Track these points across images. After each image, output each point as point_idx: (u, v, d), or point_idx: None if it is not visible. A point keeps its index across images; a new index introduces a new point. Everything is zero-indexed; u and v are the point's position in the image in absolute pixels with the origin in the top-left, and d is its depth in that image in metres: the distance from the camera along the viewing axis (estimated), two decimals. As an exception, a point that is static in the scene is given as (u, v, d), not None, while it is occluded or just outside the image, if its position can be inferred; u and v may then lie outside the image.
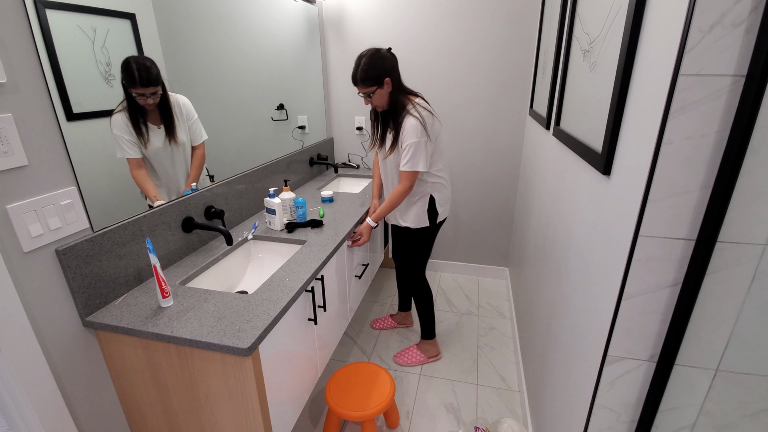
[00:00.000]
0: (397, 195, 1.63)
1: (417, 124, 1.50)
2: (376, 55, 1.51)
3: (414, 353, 2.01)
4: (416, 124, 1.50)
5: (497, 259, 2.76)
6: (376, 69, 1.50)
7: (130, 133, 1.13)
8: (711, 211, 0.65)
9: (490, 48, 2.27)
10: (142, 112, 1.18)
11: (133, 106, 1.16)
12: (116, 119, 1.11)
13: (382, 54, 1.52)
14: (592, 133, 1.01)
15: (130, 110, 1.13)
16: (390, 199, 1.66)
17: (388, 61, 1.52)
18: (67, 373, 1.02)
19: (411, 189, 1.62)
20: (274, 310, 1.09)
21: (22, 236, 0.90)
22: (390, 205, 1.66)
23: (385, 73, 1.51)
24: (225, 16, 1.61)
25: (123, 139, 1.10)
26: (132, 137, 1.13)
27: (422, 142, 1.50)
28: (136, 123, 1.16)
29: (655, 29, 0.71)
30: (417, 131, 1.50)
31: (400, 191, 1.61)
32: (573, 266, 1.12)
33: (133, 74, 1.17)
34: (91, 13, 1.05)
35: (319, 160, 2.50)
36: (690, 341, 0.74)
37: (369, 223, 1.72)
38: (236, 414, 1.08)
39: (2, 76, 0.83)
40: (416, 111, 1.52)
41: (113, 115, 1.10)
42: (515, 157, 2.46)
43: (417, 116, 1.50)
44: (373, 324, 2.28)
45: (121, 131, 1.11)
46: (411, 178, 1.58)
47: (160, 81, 1.25)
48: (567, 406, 1.09)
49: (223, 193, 1.60)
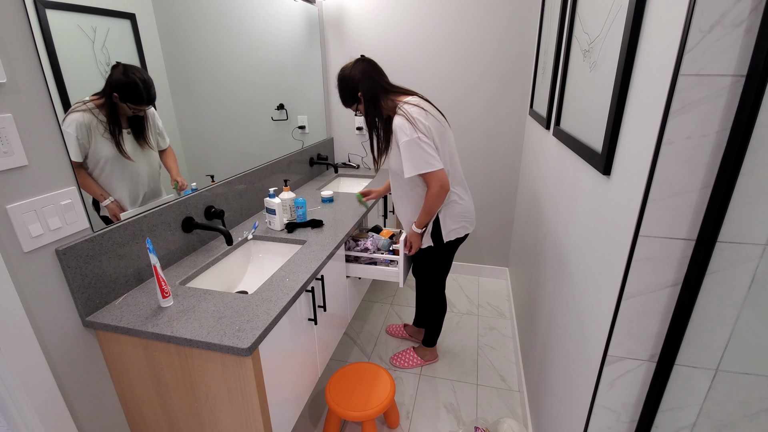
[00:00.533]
0: (431, 199, 1.47)
1: (402, 122, 1.40)
2: (342, 75, 1.50)
3: (410, 356, 2.00)
4: (401, 122, 1.40)
5: (497, 259, 2.76)
6: (346, 88, 1.49)
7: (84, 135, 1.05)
8: (711, 211, 0.65)
9: (490, 48, 2.27)
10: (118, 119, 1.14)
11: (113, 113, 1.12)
12: (75, 117, 1.02)
13: (347, 71, 1.49)
14: (592, 133, 1.01)
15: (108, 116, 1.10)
16: (425, 207, 1.51)
17: (353, 76, 1.47)
18: (67, 373, 1.02)
19: (444, 189, 1.44)
20: (274, 310, 1.09)
21: (22, 236, 0.90)
22: (427, 211, 1.51)
23: (355, 89, 1.48)
24: (225, 16, 1.61)
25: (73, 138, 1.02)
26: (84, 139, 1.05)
27: (413, 139, 1.38)
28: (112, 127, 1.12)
29: (655, 29, 0.71)
30: (404, 129, 1.39)
31: (431, 195, 1.46)
32: (573, 266, 1.12)
33: (140, 94, 1.16)
34: (91, 13, 1.05)
35: (319, 160, 2.50)
36: (690, 341, 0.74)
37: (415, 230, 1.59)
38: (236, 414, 1.08)
39: (2, 76, 0.83)
40: (401, 110, 1.42)
41: (72, 114, 1.01)
42: (515, 157, 2.46)
43: (402, 113, 1.41)
44: (388, 329, 2.25)
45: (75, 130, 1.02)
46: (435, 179, 1.41)
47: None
48: (567, 406, 1.09)
49: (223, 193, 1.60)
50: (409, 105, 1.44)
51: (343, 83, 1.49)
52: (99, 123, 1.08)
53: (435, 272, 1.77)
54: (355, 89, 1.47)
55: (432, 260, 1.72)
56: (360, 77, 1.47)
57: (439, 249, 1.66)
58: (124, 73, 1.13)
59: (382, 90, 1.49)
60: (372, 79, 1.48)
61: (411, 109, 1.42)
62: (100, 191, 1.11)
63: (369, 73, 1.48)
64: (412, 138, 1.38)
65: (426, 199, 1.49)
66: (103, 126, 1.09)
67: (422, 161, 1.40)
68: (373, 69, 1.50)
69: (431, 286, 1.82)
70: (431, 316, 1.90)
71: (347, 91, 1.49)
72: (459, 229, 1.63)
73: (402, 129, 1.40)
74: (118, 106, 1.13)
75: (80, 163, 1.05)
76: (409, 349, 2.03)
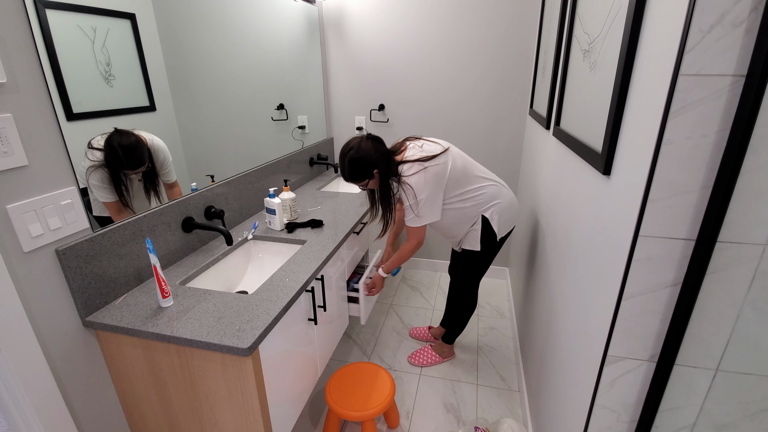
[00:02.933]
0: (405, 252, 1.64)
1: (409, 190, 1.46)
2: (358, 154, 1.47)
3: (429, 354, 2.00)
4: (408, 190, 1.47)
5: (497, 259, 2.74)
6: (362, 167, 1.48)
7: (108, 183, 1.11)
8: (711, 211, 0.65)
9: (490, 48, 2.27)
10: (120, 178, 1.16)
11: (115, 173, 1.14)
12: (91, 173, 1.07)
13: (363, 150, 1.47)
14: (592, 133, 1.01)
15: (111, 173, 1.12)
16: (398, 255, 1.67)
17: (371, 155, 1.47)
18: (67, 373, 1.02)
19: (419, 245, 1.61)
20: (274, 310, 1.09)
21: (22, 236, 0.90)
22: (398, 260, 1.67)
23: (372, 166, 1.48)
24: (225, 16, 1.61)
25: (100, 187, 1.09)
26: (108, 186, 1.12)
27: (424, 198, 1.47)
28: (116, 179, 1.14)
29: (655, 29, 0.71)
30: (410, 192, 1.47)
31: (408, 249, 1.62)
32: (573, 266, 1.12)
33: (121, 161, 1.14)
34: (91, 13, 1.05)
35: (319, 160, 2.50)
36: (690, 341, 0.74)
37: (381, 274, 1.74)
38: (236, 414, 1.08)
39: (2, 76, 0.83)
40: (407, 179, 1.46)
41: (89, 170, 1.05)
42: (515, 157, 2.46)
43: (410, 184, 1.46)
44: (411, 332, 2.22)
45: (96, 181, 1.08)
46: (417, 234, 1.57)
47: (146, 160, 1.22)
48: (567, 406, 1.09)
49: (223, 193, 1.60)
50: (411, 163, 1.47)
51: (358, 163, 1.47)
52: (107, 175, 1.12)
53: (478, 273, 1.78)
54: (371, 166, 1.48)
55: (479, 262, 1.72)
56: (377, 157, 1.47)
57: (489, 249, 1.68)
58: (108, 140, 1.11)
59: (391, 164, 1.51)
60: (387, 158, 1.51)
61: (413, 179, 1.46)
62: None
63: (383, 151, 1.50)
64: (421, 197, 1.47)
65: (402, 251, 1.65)
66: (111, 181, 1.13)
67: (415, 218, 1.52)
68: (384, 147, 1.52)
69: (468, 285, 1.82)
70: (459, 313, 1.91)
71: (362, 169, 1.48)
72: (505, 225, 1.65)
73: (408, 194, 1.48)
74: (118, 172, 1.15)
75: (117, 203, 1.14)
76: (427, 347, 2.04)
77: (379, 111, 2.56)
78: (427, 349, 2.02)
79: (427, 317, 2.38)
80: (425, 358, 1.99)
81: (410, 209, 1.50)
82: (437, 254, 2.85)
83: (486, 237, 1.63)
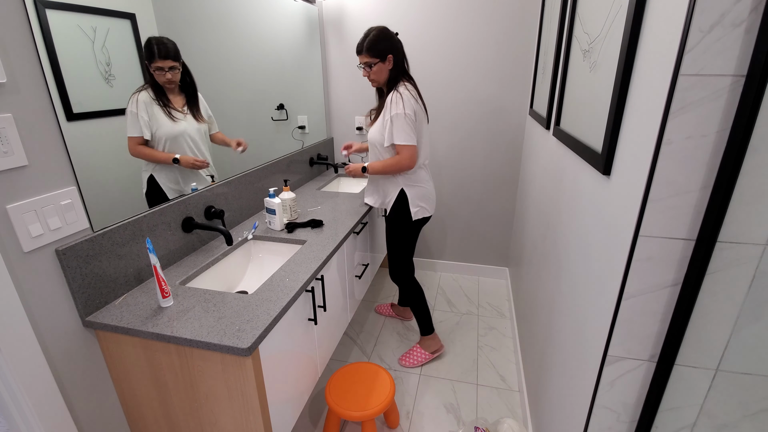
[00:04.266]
0: (392, 164, 1.66)
1: (398, 98, 1.56)
2: (386, 31, 1.60)
3: (417, 352, 2.01)
4: (397, 98, 1.57)
5: (497, 259, 2.76)
6: (383, 42, 1.58)
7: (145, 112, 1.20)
8: (711, 211, 0.65)
9: (491, 47, 2.27)
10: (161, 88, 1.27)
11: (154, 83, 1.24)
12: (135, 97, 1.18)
13: (391, 32, 1.62)
14: (592, 133, 1.01)
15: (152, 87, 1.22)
16: (385, 163, 1.68)
17: (395, 40, 1.62)
18: (67, 373, 1.02)
19: (411, 163, 1.63)
20: (274, 310, 1.09)
21: (22, 236, 0.90)
22: (383, 167, 1.69)
23: (390, 50, 1.59)
24: (225, 16, 1.61)
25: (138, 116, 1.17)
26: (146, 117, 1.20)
27: (402, 114, 1.55)
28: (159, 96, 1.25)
29: (655, 29, 0.71)
30: (398, 103, 1.56)
31: (397, 161, 1.64)
32: (573, 266, 1.12)
33: (152, 49, 1.24)
34: (91, 13, 1.05)
35: (319, 160, 2.50)
36: (690, 341, 0.74)
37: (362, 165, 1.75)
38: (236, 414, 1.08)
39: (2, 76, 0.83)
40: (400, 88, 1.60)
41: (133, 95, 1.17)
42: (515, 156, 2.46)
43: (400, 92, 1.58)
44: (377, 308, 2.42)
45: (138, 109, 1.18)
46: (408, 153, 1.61)
47: (179, 57, 1.32)
48: (567, 406, 1.09)
49: (223, 193, 1.60)
50: (406, 88, 1.62)
51: (385, 36, 1.59)
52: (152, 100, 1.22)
53: (399, 248, 1.85)
54: (389, 49, 1.59)
55: (396, 232, 1.82)
56: (399, 46, 1.64)
57: (405, 227, 1.79)
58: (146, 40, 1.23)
59: (403, 67, 1.68)
60: (402, 53, 1.67)
61: (406, 91, 1.60)
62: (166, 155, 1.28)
63: (401, 48, 1.66)
64: (401, 112, 1.56)
65: (390, 161, 1.67)
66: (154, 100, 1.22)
67: (404, 134, 1.59)
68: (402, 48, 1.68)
69: (396, 267, 1.89)
70: (411, 304, 1.96)
71: (383, 44, 1.58)
72: (422, 210, 1.78)
73: (396, 102, 1.57)
74: (153, 74, 1.24)
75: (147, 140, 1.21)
76: (414, 346, 2.04)
77: (379, 111, 2.56)
78: (415, 348, 2.03)
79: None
80: (415, 357, 2.00)
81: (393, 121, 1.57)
82: (437, 254, 2.85)
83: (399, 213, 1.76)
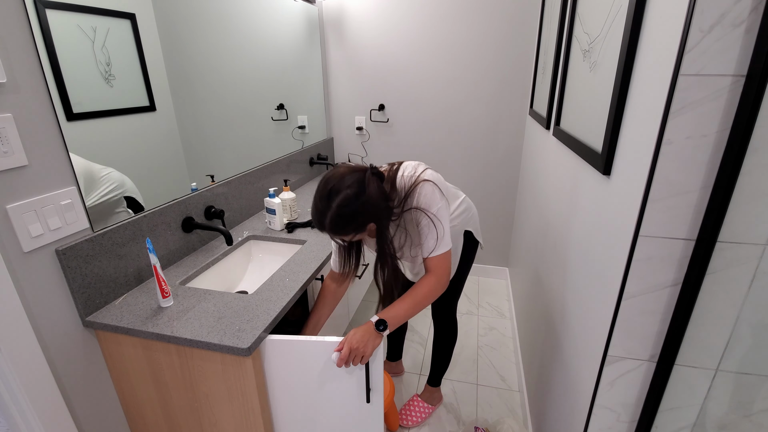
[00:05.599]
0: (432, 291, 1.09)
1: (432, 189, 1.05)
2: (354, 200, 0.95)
3: (420, 407, 1.71)
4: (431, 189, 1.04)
5: (497, 259, 2.76)
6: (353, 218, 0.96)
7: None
8: (711, 211, 0.65)
9: (491, 48, 2.27)
10: None
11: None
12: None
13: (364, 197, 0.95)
14: (592, 133, 1.01)
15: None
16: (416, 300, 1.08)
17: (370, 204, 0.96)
18: (67, 373, 1.02)
19: (446, 284, 1.12)
20: (274, 310, 1.09)
21: (22, 236, 0.90)
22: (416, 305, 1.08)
23: (368, 219, 0.98)
24: (225, 16, 1.60)
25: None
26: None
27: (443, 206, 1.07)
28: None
29: (655, 29, 0.71)
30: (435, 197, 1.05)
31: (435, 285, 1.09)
32: (573, 266, 1.12)
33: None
34: (91, 13, 1.05)
35: (319, 160, 2.50)
36: (690, 341, 0.74)
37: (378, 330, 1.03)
38: (236, 414, 1.08)
39: (2, 76, 0.83)
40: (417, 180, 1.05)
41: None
42: (515, 157, 2.46)
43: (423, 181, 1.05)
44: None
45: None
46: (444, 265, 1.09)
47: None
48: (567, 406, 1.09)
49: (223, 193, 1.60)
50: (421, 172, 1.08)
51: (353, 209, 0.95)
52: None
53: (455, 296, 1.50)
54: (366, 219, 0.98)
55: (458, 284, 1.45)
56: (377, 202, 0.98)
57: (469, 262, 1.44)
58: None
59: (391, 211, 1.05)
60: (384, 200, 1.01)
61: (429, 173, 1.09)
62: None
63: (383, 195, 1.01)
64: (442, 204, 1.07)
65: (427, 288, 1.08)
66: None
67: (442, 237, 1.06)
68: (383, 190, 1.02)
69: (448, 316, 1.53)
70: (441, 347, 1.61)
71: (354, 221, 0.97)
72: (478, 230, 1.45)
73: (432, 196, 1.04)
74: None
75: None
76: (413, 398, 1.74)
77: (379, 111, 2.56)
78: (415, 402, 1.72)
79: (426, 324, 2.38)
80: (418, 413, 1.69)
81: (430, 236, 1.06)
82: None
83: (466, 254, 1.40)
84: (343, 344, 1.00)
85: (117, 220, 1.14)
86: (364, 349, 1.00)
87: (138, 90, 1.23)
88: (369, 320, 1.05)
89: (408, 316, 1.08)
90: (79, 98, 1.03)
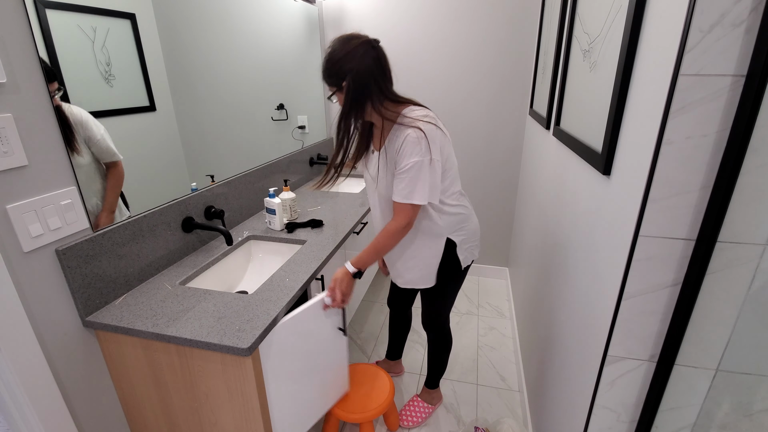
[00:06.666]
0: (389, 235, 1.18)
1: (417, 138, 1.09)
2: (342, 47, 1.09)
3: (420, 407, 1.72)
4: (415, 138, 1.09)
5: (497, 259, 2.76)
6: (335, 65, 1.09)
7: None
8: (711, 211, 0.65)
9: (491, 48, 2.27)
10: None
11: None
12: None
13: (351, 46, 1.08)
14: (592, 133, 1.01)
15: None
16: (377, 241, 1.20)
17: (354, 58, 1.07)
18: (67, 373, 1.02)
19: (408, 228, 1.18)
20: (274, 310, 1.09)
21: (22, 236, 0.90)
22: (376, 248, 1.21)
23: (344, 73, 1.08)
24: (225, 16, 1.60)
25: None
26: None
27: (425, 161, 1.10)
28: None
29: (655, 29, 0.71)
30: (417, 147, 1.09)
31: (393, 230, 1.17)
32: (573, 266, 1.12)
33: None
34: (91, 13, 1.05)
35: (319, 160, 2.50)
36: (690, 341, 0.74)
37: (348, 268, 1.22)
38: (236, 414, 1.08)
39: (2, 76, 0.83)
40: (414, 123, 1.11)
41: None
42: (515, 157, 2.46)
43: (416, 128, 1.09)
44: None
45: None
46: (408, 214, 1.15)
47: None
48: (567, 406, 1.09)
49: (223, 193, 1.60)
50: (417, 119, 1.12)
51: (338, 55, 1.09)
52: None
53: (447, 303, 1.50)
54: (343, 72, 1.09)
55: (441, 297, 1.45)
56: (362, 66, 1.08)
57: (454, 280, 1.41)
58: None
59: (381, 94, 1.13)
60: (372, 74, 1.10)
61: (424, 125, 1.11)
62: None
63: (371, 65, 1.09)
64: (423, 159, 1.10)
65: (386, 233, 1.18)
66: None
67: (415, 188, 1.12)
68: (377, 65, 1.11)
69: (438, 323, 1.55)
70: (436, 352, 1.64)
71: (334, 67, 1.10)
72: (471, 254, 1.39)
73: (414, 146, 1.09)
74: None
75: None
76: (413, 399, 1.75)
77: (379, 111, 2.56)
78: (415, 402, 1.73)
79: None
80: (418, 413, 1.70)
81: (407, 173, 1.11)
82: (437, 254, 2.85)
83: (445, 267, 1.34)
84: (334, 291, 1.21)
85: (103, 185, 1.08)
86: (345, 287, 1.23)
87: (138, 90, 1.23)
88: (345, 268, 1.23)
89: (374, 259, 1.23)
90: (79, 98, 1.03)
